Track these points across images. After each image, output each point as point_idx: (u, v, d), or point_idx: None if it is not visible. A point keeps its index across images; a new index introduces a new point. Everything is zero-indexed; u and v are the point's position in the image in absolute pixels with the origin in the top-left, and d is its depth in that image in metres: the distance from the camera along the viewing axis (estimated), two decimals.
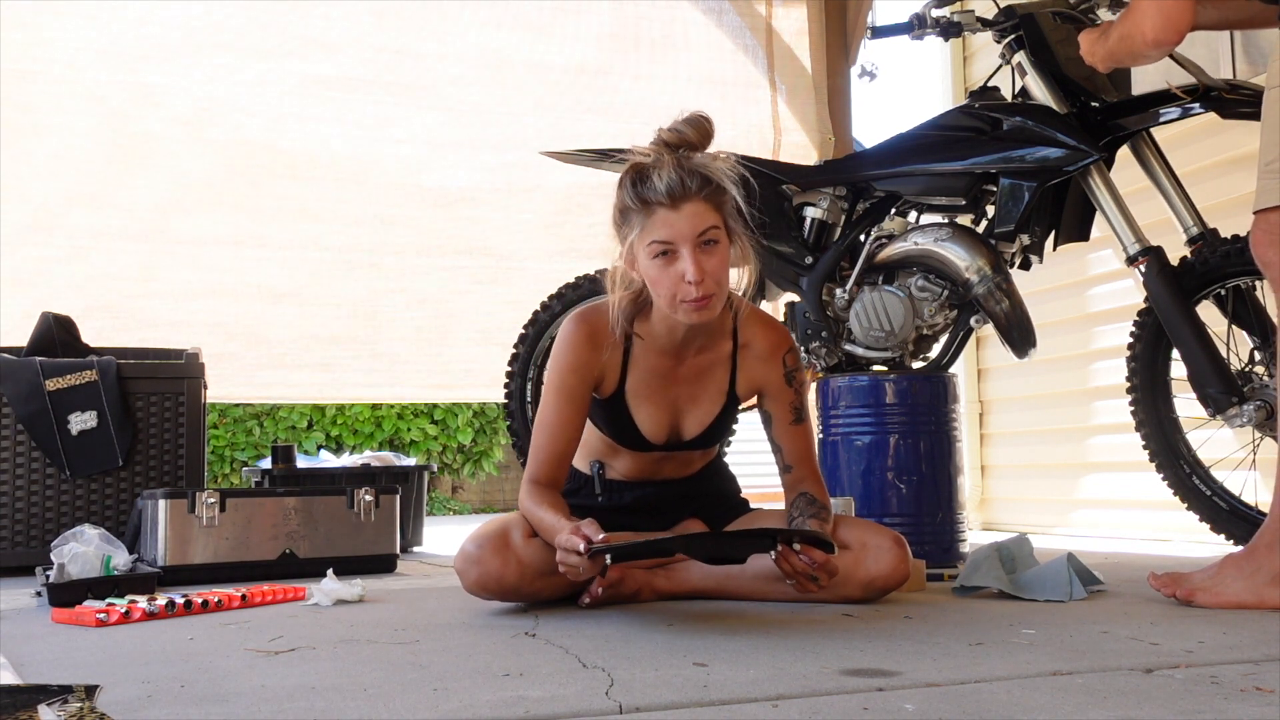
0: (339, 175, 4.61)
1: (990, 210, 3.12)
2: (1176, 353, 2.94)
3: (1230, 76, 3.69)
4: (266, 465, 4.03)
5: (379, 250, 4.66)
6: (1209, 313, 2.91)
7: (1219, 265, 2.84)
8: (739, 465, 2.77)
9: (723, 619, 2.07)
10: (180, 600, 2.30)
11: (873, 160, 3.29)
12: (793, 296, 3.41)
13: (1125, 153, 3.03)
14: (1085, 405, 4.42)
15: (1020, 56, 3.06)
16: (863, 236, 3.28)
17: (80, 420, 3.33)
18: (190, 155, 4.42)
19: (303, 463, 4.16)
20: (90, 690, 1.30)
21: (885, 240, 3.17)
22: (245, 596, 2.42)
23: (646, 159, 2.11)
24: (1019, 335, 3.05)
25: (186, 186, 4.42)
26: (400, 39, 4.70)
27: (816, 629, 1.93)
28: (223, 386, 4.35)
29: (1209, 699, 1.36)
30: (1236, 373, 2.83)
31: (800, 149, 5.12)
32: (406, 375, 4.74)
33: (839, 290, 3.24)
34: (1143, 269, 2.92)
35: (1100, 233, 3.20)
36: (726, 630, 1.93)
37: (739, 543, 2.13)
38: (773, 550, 2.04)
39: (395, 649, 1.82)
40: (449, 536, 4.69)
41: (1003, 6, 3.16)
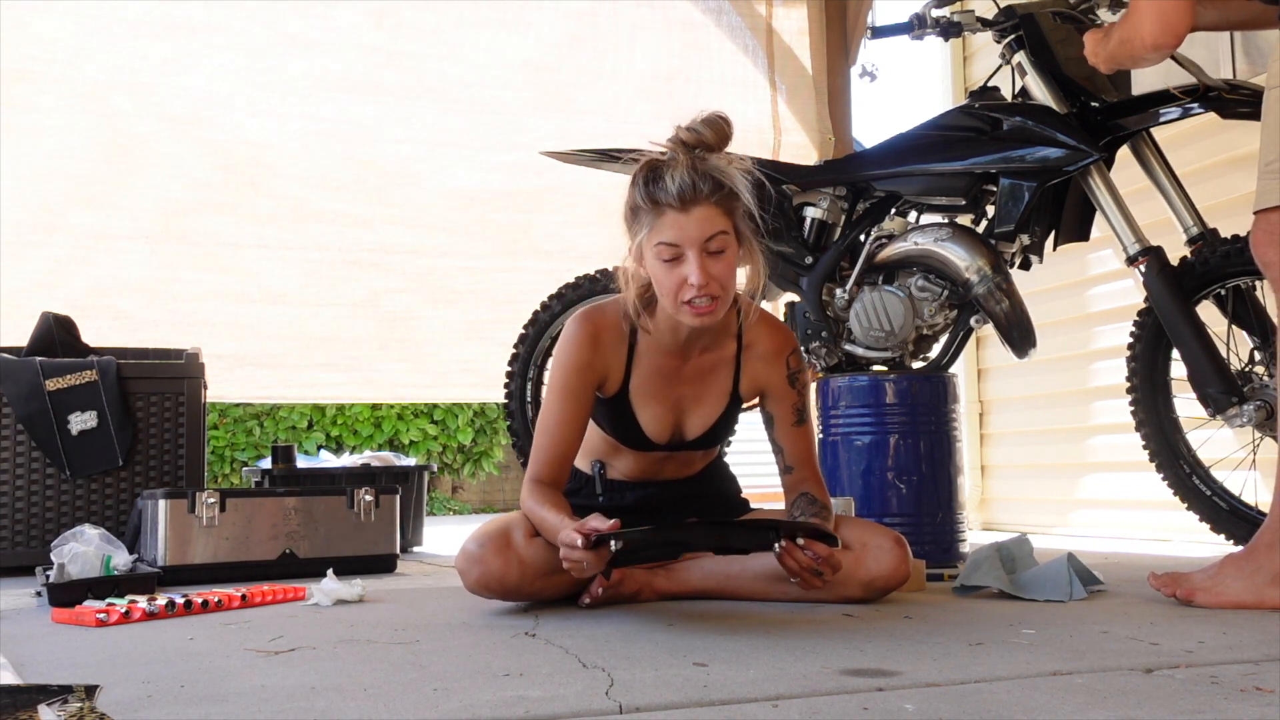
0: (339, 176, 4.61)
1: (990, 210, 3.12)
2: (1176, 353, 2.94)
3: (1230, 76, 3.69)
4: (266, 465, 4.03)
5: (379, 251, 4.66)
6: (1209, 313, 2.91)
7: (1219, 265, 2.84)
8: (739, 465, 2.77)
9: (723, 619, 2.07)
10: (180, 600, 2.30)
11: (873, 160, 3.29)
12: (793, 296, 3.41)
13: (1125, 153, 3.03)
14: (1085, 405, 4.42)
15: (1020, 56, 3.06)
16: (863, 236, 3.28)
17: (80, 420, 3.33)
18: (190, 155, 4.42)
19: (303, 463, 4.16)
20: (90, 690, 1.30)
21: (885, 240, 3.17)
22: (245, 596, 2.42)
23: (662, 157, 2.10)
24: (1019, 335, 3.05)
25: (187, 187, 4.42)
26: (400, 40, 4.70)
27: (816, 629, 1.93)
28: (223, 386, 4.35)
29: (1209, 699, 1.36)
30: (1236, 373, 2.83)
31: (800, 149, 5.12)
32: (406, 375, 4.74)
33: (839, 290, 3.24)
34: (1143, 269, 2.92)
35: (1100, 233, 3.20)
36: (726, 630, 1.93)
37: (743, 533, 2.14)
38: (776, 545, 2.04)
39: (395, 649, 1.82)
40: (449, 536, 4.69)
41: (1003, 6, 3.16)
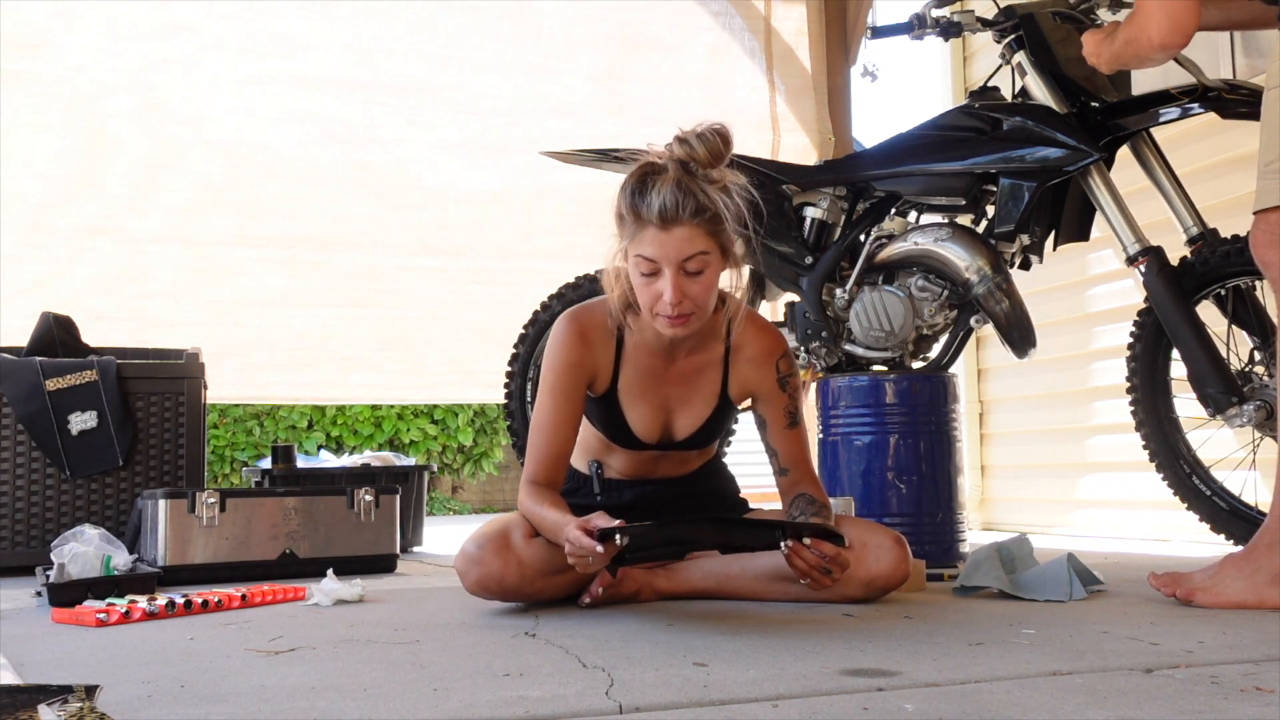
0: (339, 177, 4.62)
1: (990, 210, 3.12)
2: (1176, 353, 2.94)
3: (1230, 76, 3.69)
4: (266, 465, 4.03)
5: (379, 251, 4.67)
6: (1209, 313, 2.91)
7: (1219, 265, 2.84)
8: (738, 465, 2.77)
9: (723, 619, 2.07)
10: (180, 600, 2.30)
11: (873, 160, 3.28)
12: (793, 296, 3.41)
13: (1125, 153, 3.03)
14: (1085, 405, 4.42)
15: (1020, 56, 3.06)
16: (863, 236, 3.28)
17: (80, 420, 3.33)
18: (190, 156, 4.43)
19: (303, 463, 4.16)
20: (90, 690, 1.30)
21: (885, 240, 3.17)
22: (245, 596, 2.42)
23: (653, 166, 2.09)
24: (1019, 335, 3.05)
25: (187, 188, 4.43)
26: (399, 42, 4.70)
27: (816, 629, 1.93)
28: (223, 386, 4.35)
29: (1209, 699, 1.36)
30: (1236, 373, 2.83)
31: (800, 149, 5.12)
32: (406, 375, 4.74)
33: (839, 290, 3.24)
34: (1143, 269, 2.92)
35: (1100, 233, 3.20)
36: (726, 630, 1.93)
37: (749, 531, 2.13)
38: (783, 545, 2.03)
39: (395, 649, 1.82)
40: (449, 536, 4.69)
41: (1003, 6, 3.16)
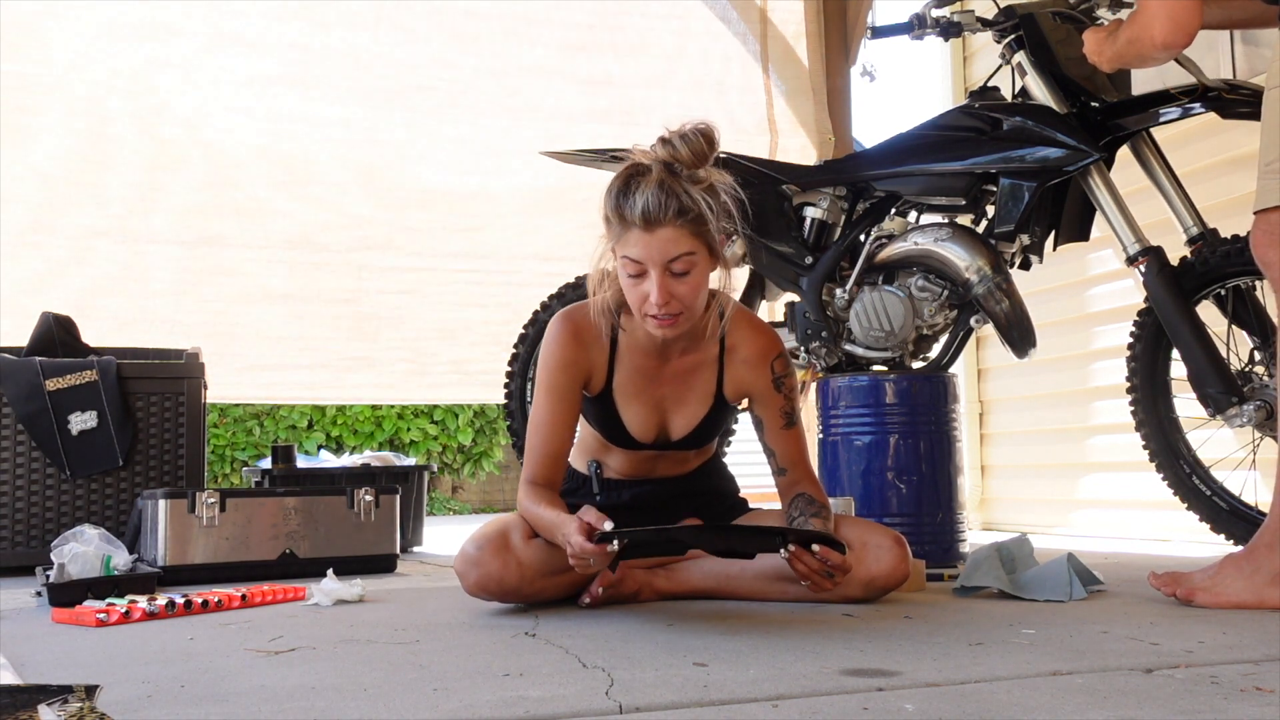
0: (339, 177, 4.62)
1: (990, 210, 3.12)
2: (1176, 353, 2.94)
3: (1230, 76, 3.69)
4: (266, 465, 4.02)
5: (379, 251, 4.67)
6: (1209, 313, 2.91)
7: (1219, 265, 2.84)
8: (738, 465, 2.77)
9: (723, 619, 2.07)
10: (180, 600, 2.30)
11: (873, 160, 3.28)
12: (793, 296, 3.41)
13: (1125, 153, 3.03)
14: (1085, 405, 4.42)
15: (1020, 56, 3.06)
16: (863, 236, 3.28)
17: (80, 420, 3.33)
18: (190, 157, 4.43)
19: (303, 463, 4.16)
20: (90, 690, 1.30)
21: (885, 240, 3.17)
22: (245, 596, 2.42)
23: (638, 167, 2.09)
24: (1019, 335, 3.05)
25: (187, 188, 4.43)
26: (398, 45, 4.70)
27: (816, 629, 1.93)
28: (223, 387, 4.35)
29: (1209, 699, 1.36)
30: (1236, 373, 2.83)
31: (799, 149, 5.12)
32: (406, 376, 4.74)
33: (839, 290, 3.24)
34: (1143, 269, 2.92)
35: (1100, 233, 3.20)
36: (726, 630, 1.93)
37: (750, 538, 2.13)
38: (784, 549, 2.03)
39: (395, 649, 1.82)
40: (449, 536, 4.69)
41: (1003, 6, 3.16)
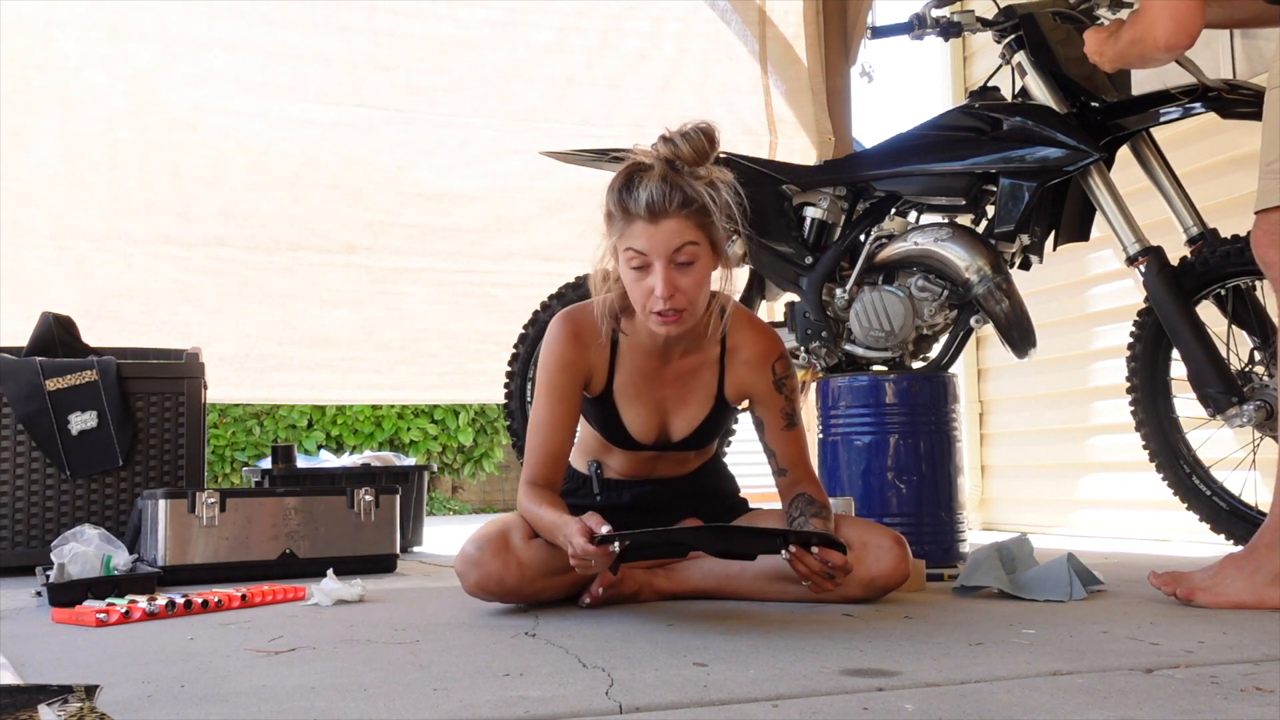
0: (339, 178, 4.62)
1: (990, 210, 3.12)
2: (1176, 353, 2.94)
3: (1230, 76, 3.69)
4: (266, 465, 4.02)
5: (379, 252, 4.67)
6: (1209, 313, 2.91)
7: (1219, 265, 2.84)
8: (738, 465, 2.77)
9: (723, 619, 2.07)
10: (180, 600, 2.30)
11: (873, 160, 3.28)
12: (793, 296, 3.41)
13: (1125, 153, 3.03)
14: (1085, 405, 4.42)
15: (1020, 56, 3.06)
16: (863, 236, 3.28)
17: (80, 420, 3.33)
18: (190, 159, 4.43)
19: (303, 463, 4.16)
20: (90, 690, 1.30)
21: (885, 240, 3.17)
22: (245, 596, 2.42)
23: (640, 164, 2.10)
24: (1019, 335, 3.05)
25: (187, 189, 4.43)
26: (398, 46, 4.70)
27: (816, 629, 1.93)
28: (223, 387, 4.35)
29: (1209, 699, 1.36)
30: (1236, 373, 2.83)
31: (799, 149, 5.12)
32: (406, 376, 4.74)
33: (839, 290, 3.24)
34: (1143, 269, 2.92)
35: (1100, 233, 3.20)
36: (726, 630, 1.93)
37: (751, 539, 2.13)
38: (784, 551, 2.03)
39: (395, 649, 1.82)
40: (449, 536, 4.69)
41: (1003, 6, 3.16)
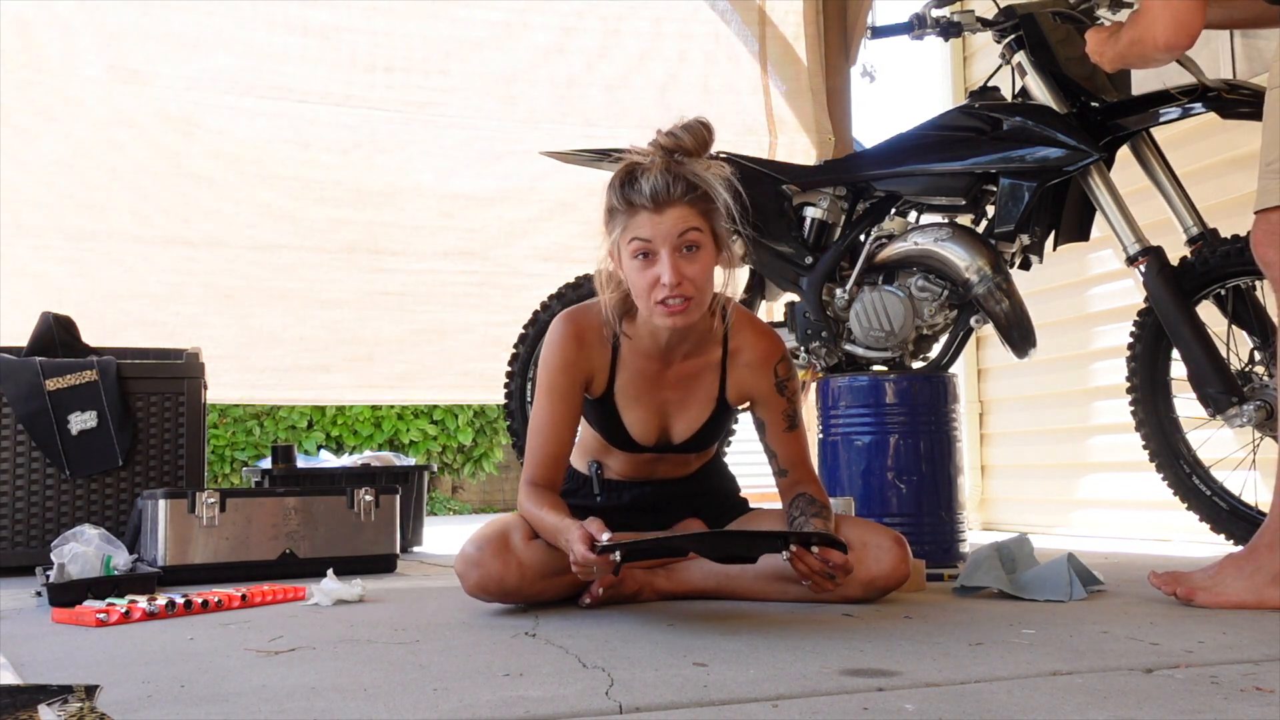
0: (339, 178, 4.62)
1: (990, 210, 3.12)
2: (1176, 353, 2.94)
3: (1230, 76, 3.69)
4: (266, 465, 4.02)
5: (379, 252, 4.67)
6: (1209, 313, 2.91)
7: (1219, 265, 2.84)
8: (738, 465, 2.77)
9: (723, 619, 2.07)
10: (180, 600, 2.30)
11: (873, 160, 3.29)
12: (793, 296, 3.41)
13: (1125, 153, 3.03)
14: (1085, 405, 4.42)
15: (1020, 56, 3.06)
16: (863, 236, 3.28)
17: (80, 420, 3.33)
18: (191, 160, 4.43)
19: (303, 463, 4.16)
20: (90, 690, 1.30)
21: (885, 240, 3.17)
22: (245, 596, 2.42)
23: (639, 161, 2.11)
24: (1019, 335, 3.05)
25: (187, 190, 4.43)
26: (398, 47, 4.70)
27: (816, 629, 1.93)
28: (223, 387, 4.35)
29: (1209, 699, 1.36)
30: (1236, 373, 2.83)
31: (799, 149, 5.12)
32: (406, 376, 4.74)
33: (839, 290, 3.24)
34: (1143, 269, 2.92)
35: (1100, 233, 3.20)
36: (726, 630, 1.93)
37: (750, 542, 2.12)
38: (785, 551, 2.03)
39: (395, 649, 1.82)
40: (449, 536, 4.69)
41: (1003, 6, 3.16)
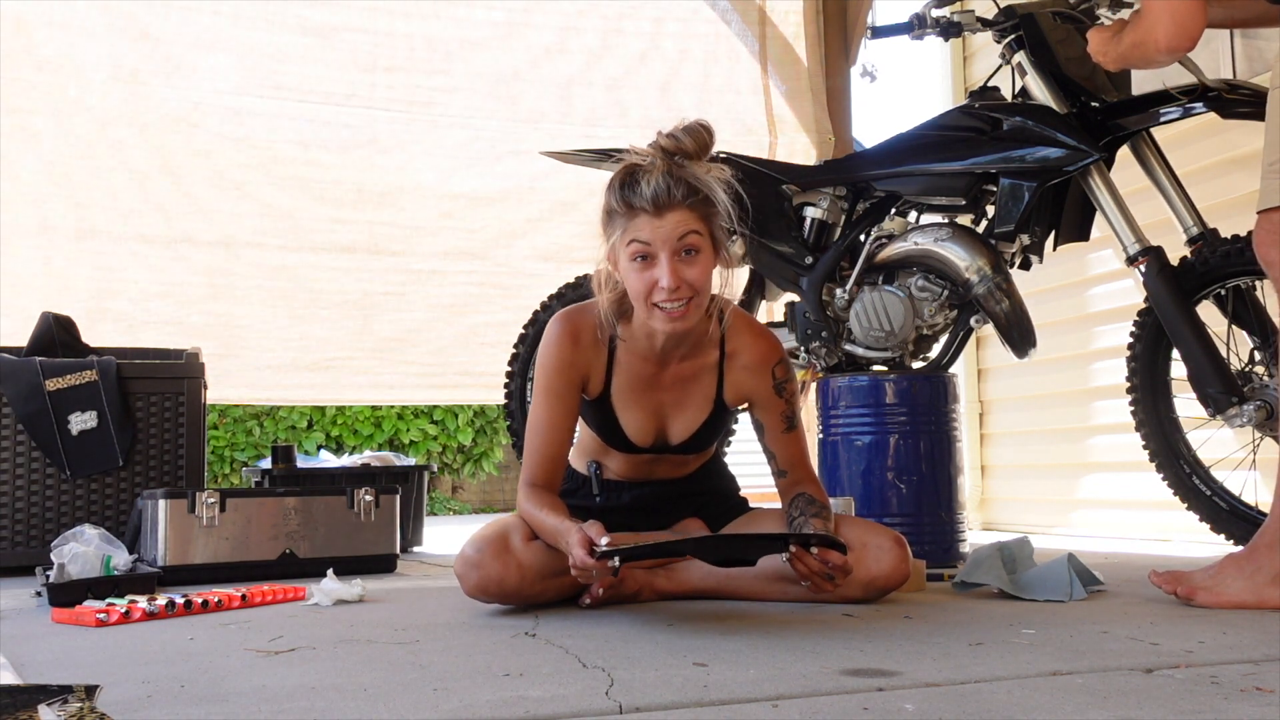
0: (338, 179, 4.62)
1: (990, 210, 3.12)
2: (1176, 353, 2.94)
3: (1230, 76, 3.69)
4: (266, 465, 4.02)
5: (378, 252, 4.67)
6: (1209, 313, 2.91)
7: (1219, 265, 2.84)
8: (738, 465, 2.77)
9: (723, 619, 2.07)
10: (180, 600, 2.30)
11: (873, 160, 3.29)
12: (793, 296, 3.41)
13: (1125, 153, 3.03)
14: (1085, 405, 4.42)
15: (1020, 56, 3.06)
16: (863, 236, 3.28)
17: (80, 420, 3.33)
18: (190, 159, 4.43)
19: (303, 463, 4.16)
20: (90, 690, 1.30)
21: (885, 240, 3.17)
22: (245, 596, 2.42)
23: (639, 163, 2.10)
24: (1019, 335, 3.05)
25: (186, 189, 4.43)
26: (398, 47, 4.70)
27: (816, 629, 1.93)
28: (223, 387, 4.35)
29: (1209, 699, 1.36)
30: (1236, 373, 2.83)
31: (799, 149, 5.12)
32: (406, 377, 4.74)
33: (839, 290, 3.24)
34: (1143, 269, 2.92)
35: (1100, 233, 3.20)
36: (726, 630, 1.93)
37: (750, 545, 2.12)
38: (785, 552, 2.03)
39: (395, 649, 1.82)
40: (449, 536, 4.69)
41: (1003, 6, 3.16)
